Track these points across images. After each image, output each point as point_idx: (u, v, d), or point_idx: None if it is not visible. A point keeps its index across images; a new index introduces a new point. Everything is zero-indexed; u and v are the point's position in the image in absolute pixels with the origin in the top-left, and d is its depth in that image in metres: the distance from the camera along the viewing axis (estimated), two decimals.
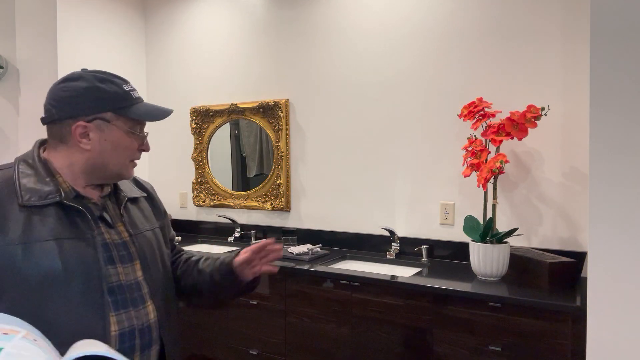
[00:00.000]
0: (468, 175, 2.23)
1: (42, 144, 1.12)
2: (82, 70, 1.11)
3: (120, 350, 1.00)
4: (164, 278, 1.19)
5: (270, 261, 1.26)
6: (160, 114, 1.15)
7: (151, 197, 1.30)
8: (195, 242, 3.18)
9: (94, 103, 1.06)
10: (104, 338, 0.98)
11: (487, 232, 2.11)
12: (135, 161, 1.16)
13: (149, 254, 1.14)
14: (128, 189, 1.22)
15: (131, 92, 1.11)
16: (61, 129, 1.06)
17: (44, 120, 1.08)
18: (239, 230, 3.12)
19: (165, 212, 1.35)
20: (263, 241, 1.25)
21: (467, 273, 2.20)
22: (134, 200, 1.21)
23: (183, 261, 1.35)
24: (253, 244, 1.27)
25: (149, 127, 1.23)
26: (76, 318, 0.97)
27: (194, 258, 1.35)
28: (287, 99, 2.97)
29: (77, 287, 0.98)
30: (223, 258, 1.28)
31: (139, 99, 1.13)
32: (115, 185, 1.18)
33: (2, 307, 0.91)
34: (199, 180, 3.34)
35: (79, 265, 1.00)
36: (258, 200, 3.09)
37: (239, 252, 1.26)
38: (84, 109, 1.05)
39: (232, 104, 3.13)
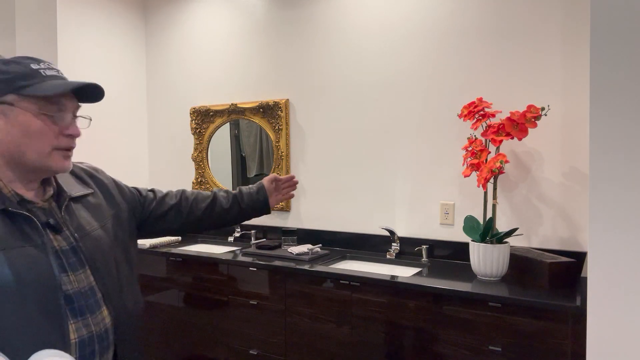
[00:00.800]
0: (468, 175, 2.23)
1: None
2: None
3: (81, 357, 0.98)
4: (117, 279, 1.11)
5: (288, 191, 1.59)
6: (71, 86, 1.00)
7: (103, 188, 1.21)
8: (195, 242, 3.18)
9: None
10: (64, 347, 0.94)
11: (487, 232, 2.11)
12: (67, 150, 1.03)
13: (99, 258, 1.07)
14: (71, 187, 1.12)
15: (41, 71, 0.98)
16: None
17: None
18: (239, 230, 3.12)
19: (121, 192, 1.27)
20: (289, 175, 1.59)
21: (467, 273, 2.20)
22: (78, 199, 1.11)
23: (199, 206, 1.41)
24: (253, 243, 1.40)
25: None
26: (34, 329, 0.92)
27: (206, 203, 1.43)
28: (287, 99, 2.97)
29: (32, 298, 0.93)
30: (251, 195, 1.51)
31: (54, 77, 1.00)
32: (58, 186, 1.09)
33: None
34: (199, 180, 3.34)
35: (32, 274, 0.93)
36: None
37: (262, 185, 1.53)
38: None
39: (232, 104, 3.13)
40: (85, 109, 1.08)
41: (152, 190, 1.38)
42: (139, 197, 1.33)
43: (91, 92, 1.05)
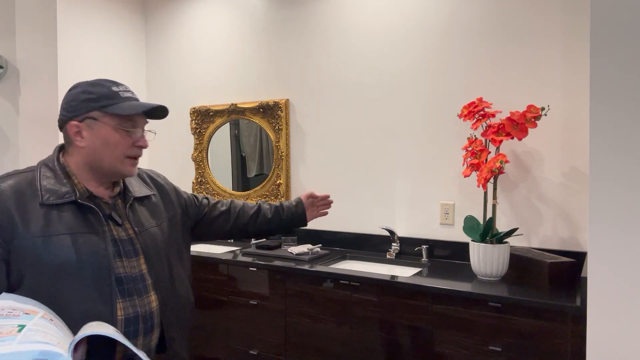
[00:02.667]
0: (468, 175, 2.22)
1: (61, 148, 1.24)
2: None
3: (125, 333, 1.11)
4: (168, 272, 1.27)
5: (324, 209, 1.70)
6: (144, 108, 1.20)
7: (163, 192, 1.40)
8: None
9: (84, 104, 1.17)
10: (112, 322, 1.07)
11: (487, 232, 2.11)
12: (134, 159, 1.22)
13: (152, 250, 1.24)
14: (137, 188, 1.31)
15: (120, 92, 1.19)
16: (65, 132, 1.20)
17: (59, 129, 1.24)
18: None
19: (178, 198, 1.45)
20: (325, 194, 1.68)
21: (467, 273, 2.20)
22: (142, 199, 1.30)
23: (245, 214, 1.58)
24: (253, 243, 1.47)
25: (155, 122, 1.32)
26: (87, 303, 1.08)
27: (252, 211, 1.60)
28: (287, 99, 2.97)
29: (88, 276, 1.10)
30: (290, 208, 1.63)
31: (130, 98, 1.20)
32: (125, 186, 1.27)
33: (23, 291, 1.03)
34: (199, 180, 3.34)
35: (91, 256, 1.11)
36: (258, 200, 3.09)
37: (300, 199, 1.65)
38: (76, 111, 1.18)
39: (232, 104, 3.13)
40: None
41: (207, 198, 1.59)
42: (196, 202, 1.53)
43: (160, 111, 1.26)
